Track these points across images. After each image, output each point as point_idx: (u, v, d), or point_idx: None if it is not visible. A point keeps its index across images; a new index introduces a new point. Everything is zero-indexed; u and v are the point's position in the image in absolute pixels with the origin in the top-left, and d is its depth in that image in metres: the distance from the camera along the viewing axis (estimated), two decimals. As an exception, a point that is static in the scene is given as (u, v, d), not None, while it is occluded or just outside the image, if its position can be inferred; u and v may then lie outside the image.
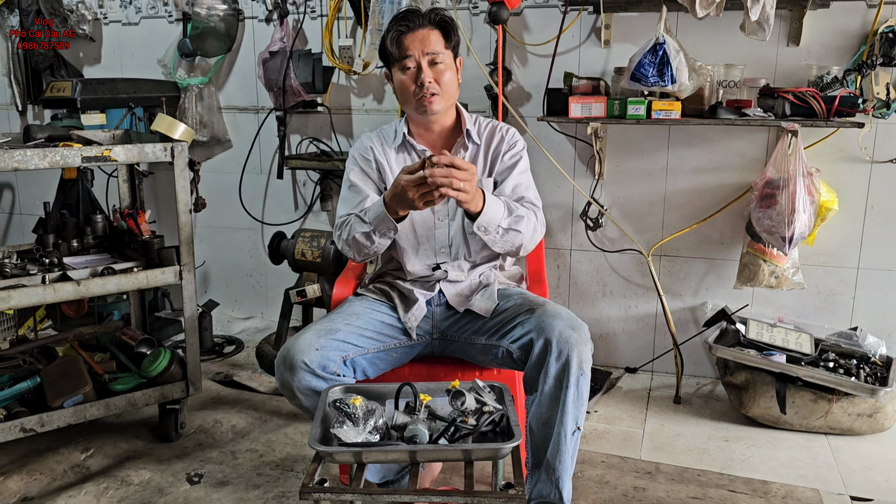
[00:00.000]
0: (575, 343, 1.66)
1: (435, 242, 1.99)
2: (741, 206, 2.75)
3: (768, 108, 2.51)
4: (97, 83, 2.97)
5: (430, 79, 1.88)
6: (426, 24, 1.89)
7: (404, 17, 1.91)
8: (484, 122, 2.06)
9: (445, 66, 1.90)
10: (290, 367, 1.70)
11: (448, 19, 1.93)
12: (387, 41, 1.91)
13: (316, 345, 1.73)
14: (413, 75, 1.89)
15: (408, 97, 1.91)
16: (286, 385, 1.73)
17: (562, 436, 1.69)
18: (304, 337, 1.75)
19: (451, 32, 1.93)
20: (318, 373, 1.70)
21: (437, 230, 1.98)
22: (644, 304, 2.98)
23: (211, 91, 3.36)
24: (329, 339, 1.75)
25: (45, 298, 2.11)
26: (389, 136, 2.04)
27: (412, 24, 1.89)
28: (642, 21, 2.74)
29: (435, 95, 1.88)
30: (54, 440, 2.37)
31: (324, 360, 1.71)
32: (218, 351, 3.18)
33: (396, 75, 1.92)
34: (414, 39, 1.88)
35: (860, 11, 2.55)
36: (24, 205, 3.88)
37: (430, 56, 1.88)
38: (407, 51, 1.88)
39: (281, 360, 1.73)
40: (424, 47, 1.88)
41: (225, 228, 3.53)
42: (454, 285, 1.97)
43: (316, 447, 1.34)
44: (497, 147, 2.01)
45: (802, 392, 2.44)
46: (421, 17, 1.90)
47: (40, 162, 2.04)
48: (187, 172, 2.28)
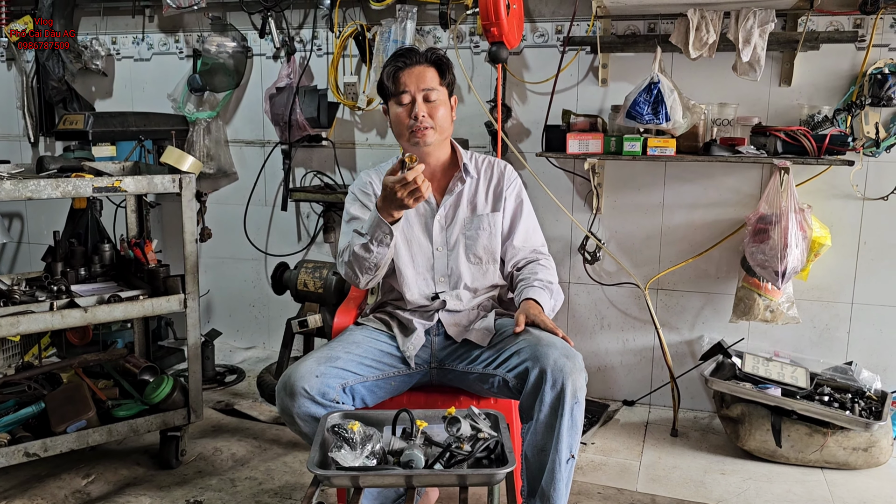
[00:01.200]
0: (569, 372, 1.68)
1: (434, 272, 2.03)
2: (736, 241, 2.79)
3: (761, 145, 2.57)
4: (108, 116, 3.05)
5: (424, 113, 1.93)
6: (422, 62, 1.96)
7: (402, 54, 1.98)
8: (480, 157, 2.12)
9: (440, 102, 1.96)
10: (291, 393, 1.74)
11: (444, 58, 2.00)
12: (384, 76, 1.98)
13: (316, 372, 1.76)
14: (408, 110, 1.95)
15: (402, 130, 1.97)
16: (286, 411, 1.76)
17: (556, 463, 1.70)
18: (305, 364, 1.79)
19: (447, 71, 2.00)
20: (317, 399, 1.73)
21: (436, 260, 2.03)
22: (641, 338, 3.01)
23: (219, 125, 3.44)
24: (329, 367, 1.79)
25: (53, 324, 2.15)
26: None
27: (409, 61, 1.95)
28: (638, 61, 2.83)
29: (428, 129, 1.94)
30: (56, 466, 2.40)
31: (323, 388, 1.74)
32: (219, 380, 3.21)
33: (393, 109, 1.98)
34: (410, 75, 1.94)
35: (849, 53, 2.63)
36: (32, 234, 3.95)
37: (426, 92, 1.94)
38: (404, 86, 1.94)
39: (281, 387, 1.76)
40: (420, 83, 1.94)
41: (229, 259, 3.59)
42: (453, 315, 2.01)
43: (314, 471, 1.37)
44: (498, 184, 2.07)
45: (798, 425, 2.46)
46: (418, 54, 1.97)
47: (53, 192, 2.10)
48: (194, 203, 2.34)
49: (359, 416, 1.60)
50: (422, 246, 2.03)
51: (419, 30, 3.05)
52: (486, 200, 2.06)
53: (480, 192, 2.06)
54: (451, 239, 2.03)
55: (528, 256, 2.05)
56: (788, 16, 2.66)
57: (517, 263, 2.05)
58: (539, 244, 2.09)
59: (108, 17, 3.57)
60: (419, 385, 2.01)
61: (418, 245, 2.02)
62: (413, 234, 2.03)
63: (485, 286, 2.05)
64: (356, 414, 1.61)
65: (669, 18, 2.77)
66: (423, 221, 2.04)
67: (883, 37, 2.60)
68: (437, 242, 2.03)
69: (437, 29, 3.07)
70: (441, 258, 2.03)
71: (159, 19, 3.49)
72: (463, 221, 2.04)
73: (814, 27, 2.63)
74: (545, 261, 2.05)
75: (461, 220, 2.04)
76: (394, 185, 1.71)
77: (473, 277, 2.04)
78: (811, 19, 2.62)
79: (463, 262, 2.02)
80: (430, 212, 2.04)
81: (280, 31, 3.27)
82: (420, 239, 2.03)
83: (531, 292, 1.92)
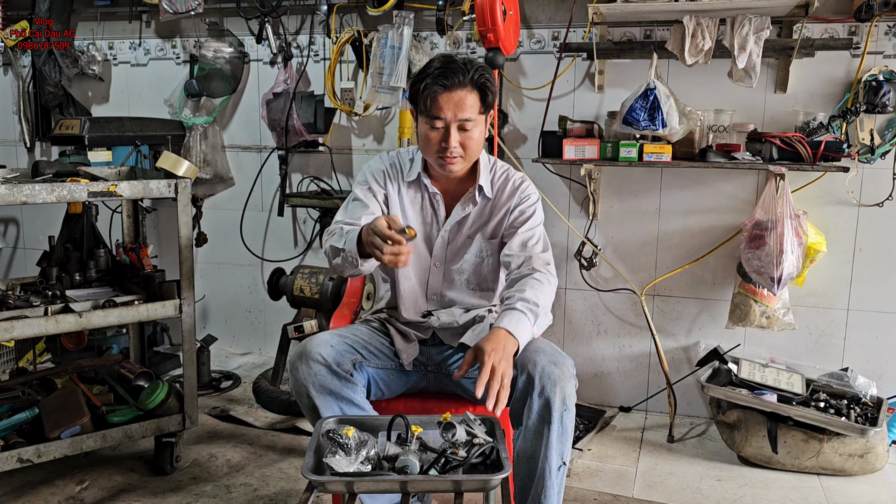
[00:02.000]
0: (557, 379, 1.65)
1: (427, 288, 1.99)
2: (732, 247, 2.80)
3: (756, 152, 2.58)
4: (105, 121, 3.05)
5: (457, 143, 1.81)
6: (466, 85, 1.78)
7: (444, 72, 1.77)
8: (500, 169, 2.00)
9: (474, 132, 1.83)
10: (307, 359, 1.72)
11: (489, 83, 1.82)
12: (421, 94, 1.80)
13: (331, 342, 1.77)
14: (440, 135, 1.82)
15: (429, 151, 1.86)
16: (301, 381, 1.72)
17: (546, 471, 1.68)
18: (320, 335, 1.80)
19: (489, 95, 1.83)
20: (332, 367, 1.72)
21: (431, 275, 1.98)
22: (638, 344, 3.01)
23: (215, 130, 3.44)
24: (342, 342, 1.81)
25: (48, 329, 2.14)
26: (404, 166, 1.98)
27: (450, 83, 1.77)
28: (634, 67, 2.83)
29: (456, 158, 1.83)
30: (50, 472, 2.38)
31: (338, 357, 1.75)
32: (215, 386, 3.20)
33: (423, 125, 1.84)
34: (449, 101, 1.78)
35: (844, 60, 2.65)
36: (28, 239, 3.94)
37: (461, 122, 1.80)
38: (440, 112, 1.78)
39: (297, 356, 1.75)
40: (458, 112, 1.78)
41: (225, 264, 3.58)
42: (447, 328, 1.99)
43: (309, 476, 1.37)
44: (507, 201, 1.95)
45: (794, 432, 2.46)
46: (462, 75, 1.77)
47: (48, 196, 2.09)
48: (190, 208, 2.34)
49: (353, 421, 1.59)
50: (420, 257, 1.97)
51: (416, 35, 3.06)
52: (493, 225, 1.96)
53: (491, 215, 1.96)
54: (450, 258, 1.97)
55: (521, 269, 1.86)
56: (784, 23, 2.67)
57: (510, 273, 1.90)
58: (539, 253, 1.90)
59: (104, 23, 3.57)
60: (416, 390, 2.01)
61: (417, 254, 1.95)
62: (415, 245, 1.95)
63: (481, 302, 2.01)
64: (351, 419, 1.61)
65: (665, 25, 2.78)
66: (428, 232, 1.98)
67: (878, 44, 2.61)
68: (436, 257, 1.97)
69: (434, 35, 3.08)
70: (436, 275, 1.98)
71: (156, 24, 3.49)
72: (464, 243, 1.97)
73: (809, 34, 2.64)
74: (541, 276, 1.83)
75: (463, 240, 1.97)
76: (384, 237, 1.55)
77: (466, 296, 1.99)
78: (806, 26, 2.63)
79: (457, 284, 1.98)
80: (436, 224, 1.98)
81: (277, 36, 3.27)
82: (420, 249, 1.97)
83: (507, 318, 1.70)
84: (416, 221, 1.96)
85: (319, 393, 1.72)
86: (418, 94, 1.82)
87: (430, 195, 1.97)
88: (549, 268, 1.87)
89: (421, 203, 1.98)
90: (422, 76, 1.81)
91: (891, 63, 2.60)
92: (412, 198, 1.98)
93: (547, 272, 1.85)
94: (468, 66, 1.79)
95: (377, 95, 3.00)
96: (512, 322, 1.69)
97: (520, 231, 1.91)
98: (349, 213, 1.90)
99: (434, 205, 1.97)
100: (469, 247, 1.97)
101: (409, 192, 1.98)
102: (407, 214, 1.97)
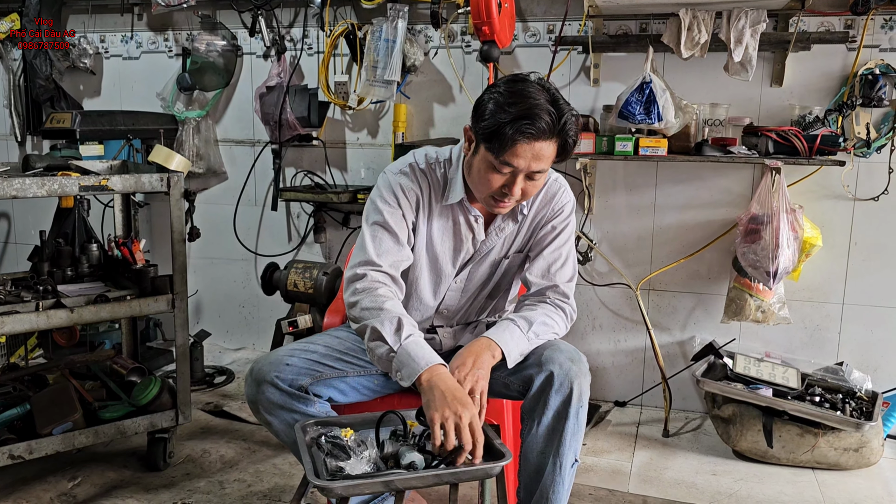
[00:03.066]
0: (576, 375, 1.63)
1: (441, 303, 1.88)
2: (728, 242, 2.79)
3: (752, 146, 2.57)
4: (96, 115, 3.02)
5: (520, 192, 1.63)
6: (550, 137, 1.55)
7: (532, 119, 1.52)
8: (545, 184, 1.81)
9: (540, 181, 1.66)
10: (255, 379, 1.64)
11: (573, 134, 1.59)
12: (501, 131, 1.54)
13: (286, 360, 1.66)
14: (504, 179, 1.61)
15: (483, 190, 1.65)
16: (250, 398, 1.66)
17: (558, 467, 1.66)
18: (276, 352, 1.69)
19: (569, 147, 1.61)
20: (280, 386, 1.62)
21: (450, 290, 1.85)
22: (633, 338, 3.01)
23: (208, 124, 3.42)
24: (302, 359, 1.68)
25: (39, 325, 2.12)
26: (440, 184, 1.76)
27: (536, 133, 1.53)
28: (630, 61, 2.82)
29: (512, 204, 1.67)
30: (42, 468, 2.36)
31: (290, 375, 1.64)
32: (208, 381, 3.19)
33: (485, 162, 1.61)
34: (528, 152, 1.55)
35: (840, 54, 2.64)
36: (19, 234, 3.91)
37: (532, 173, 1.60)
38: (515, 159, 1.56)
39: (248, 374, 1.67)
40: (534, 163, 1.57)
41: (219, 259, 3.56)
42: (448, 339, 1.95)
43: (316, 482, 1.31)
44: (541, 210, 1.81)
45: (789, 426, 2.46)
46: (550, 126, 1.54)
47: (38, 190, 2.07)
48: (183, 203, 2.32)
49: (331, 421, 1.57)
50: (441, 272, 1.83)
51: (410, 29, 3.04)
52: (523, 238, 1.84)
53: (523, 230, 1.83)
54: (475, 277, 1.86)
55: (536, 298, 1.78)
56: (780, 16, 2.66)
57: (525, 296, 1.81)
58: (562, 283, 1.77)
59: (96, 16, 3.54)
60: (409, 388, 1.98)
61: (436, 269, 1.82)
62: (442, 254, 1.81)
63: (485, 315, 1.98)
64: (328, 420, 1.56)
65: (661, 18, 2.76)
66: (458, 256, 1.81)
67: (874, 37, 2.60)
68: (460, 277, 1.84)
69: (429, 28, 3.06)
70: (455, 290, 1.86)
71: (148, 17, 3.46)
72: (493, 262, 1.85)
73: (805, 28, 2.63)
74: (558, 302, 1.76)
75: (492, 258, 1.85)
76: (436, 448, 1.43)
77: (477, 313, 1.94)
78: (802, 20, 2.62)
79: (473, 299, 1.90)
80: (470, 247, 1.81)
81: (270, 29, 3.25)
82: (444, 264, 1.82)
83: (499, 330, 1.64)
84: (445, 246, 1.80)
85: (268, 410, 1.64)
86: (493, 131, 1.56)
87: (469, 218, 1.78)
88: (569, 302, 1.78)
89: (454, 226, 1.79)
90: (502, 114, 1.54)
91: (887, 56, 2.59)
92: (444, 221, 1.78)
93: (565, 301, 1.77)
94: (560, 112, 1.55)
95: (371, 89, 2.99)
96: (498, 331, 1.65)
97: (545, 253, 1.79)
98: (380, 249, 1.70)
99: (473, 227, 1.79)
100: (495, 266, 1.87)
101: (441, 215, 1.78)
102: (433, 239, 1.79)
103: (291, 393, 1.64)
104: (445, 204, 1.76)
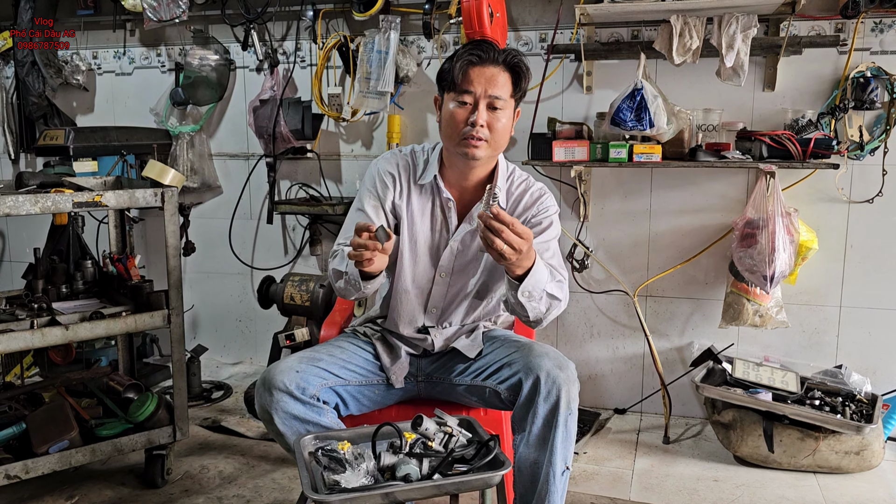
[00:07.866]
0: (563, 382, 1.64)
1: (428, 301, 1.91)
2: (724, 247, 2.79)
3: (746, 150, 2.58)
4: (90, 131, 3.01)
5: (484, 122, 1.72)
6: (499, 63, 1.73)
7: (478, 45, 1.74)
8: (518, 179, 1.90)
9: (503, 115, 1.75)
10: (269, 388, 1.67)
11: (523, 65, 1.76)
12: (452, 65, 1.74)
13: (296, 368, 1.71)
14: (467, 112, 1.73)
15: (453, 133, 1.75)
16: (264, 408, 1.69)
17: (551, 476, 1.67)
18: (285, 361, 1.73)
19: (522, 80, 1.77)
20: (295, 394, 1.66)
21: (435, 286, 1.89)
22: (631, 345, 3.00)
23: (202, 138, 3.41)
24: (310, 366, 1.73)
25: (34, 343, 2.11)
26: (417, 167, 1.88)
27: (484, 57, 1.72)
28: (622, 68, 2.83)
29: (482, 141, 1.74)
30: (39, 487, 2.35)
31: (303, 383, 1.68)
32: (206, 396, 3.17)
33: (448, 105, 1.76)
34: (481, 75, 1.72)
35: (832, 58, 2.65)
36: (13, 252, 3.90)
37: (492, 99, 1.72)
38: (470, 84, 1.72)
39: (260, 383, 1.70)
40: (489, 87, 1.72)
41: (214, 273, 3.55)
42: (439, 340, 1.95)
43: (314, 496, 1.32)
44: (524, 212, 1.86)
45: (789, 430, 2.45)
46: (496, 52, 1.73)
47: (32, 207, 2.06)
48: (177, 217, 2.31)
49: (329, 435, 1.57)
50: (423, 267, 1.88)
51: (403, 40, 3.04)
52: None
53: None
54: (458, 270, 1.89)
55: None
56: (771, 21, 2.67)
57: None
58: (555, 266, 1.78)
59: (88, 32, 3.54)
60: (407, 398, 1.98)
61: (419, 264, 1.88)
62: (418, 254, 1.88)
63: (478, 318, 1.97)
64: (330, 435, 1.57)
65: (653, 25, 2.77)
66: (435, 243, 1.88)
67: (864, 41, 2.62)
68: (442, 268, 1.88)
69: (421, 38, 3.06)
70: (440, 286, 1.90)
71: (140, 33, 3.46)
72: (475, 256, 1.87)
73: (796, 32, 2.64)
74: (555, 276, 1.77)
75: (473, 253, 1.87)
76: (355, 245, 1.55)
77: (467, 313, 1.94)
78: (793, 24, 2.63)
79: (461, 297, 1.91)
80: (445, 233, 1.88)
81: (263, 43, 3.25)
82: (423, 259, 1.88)
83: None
84: (423, 230, 1.87)
85: (283, 420, 1.67)
86: (447, 71, 1.75)
87: (442, 201, 1.86)
88: (563, 285, 1.76)
89: (431, 210, 1.87)
90: (456, 54, 1.75)
91: (878, 59, 2.60)
92: (422, 205, 1.87)
93: (562, 279, 1.77)
94: (505, 49, 1.77)
95: (365, 100, 2.99)
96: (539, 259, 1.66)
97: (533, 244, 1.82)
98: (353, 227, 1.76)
99: (445, 212, 1.86)
100: (480, 260, 1.88)
101: (419, 198, 1.87)
102: (415, 223, 1.87)
103: (305, 402, 1.68)
104: (421, 183, 1.86)
